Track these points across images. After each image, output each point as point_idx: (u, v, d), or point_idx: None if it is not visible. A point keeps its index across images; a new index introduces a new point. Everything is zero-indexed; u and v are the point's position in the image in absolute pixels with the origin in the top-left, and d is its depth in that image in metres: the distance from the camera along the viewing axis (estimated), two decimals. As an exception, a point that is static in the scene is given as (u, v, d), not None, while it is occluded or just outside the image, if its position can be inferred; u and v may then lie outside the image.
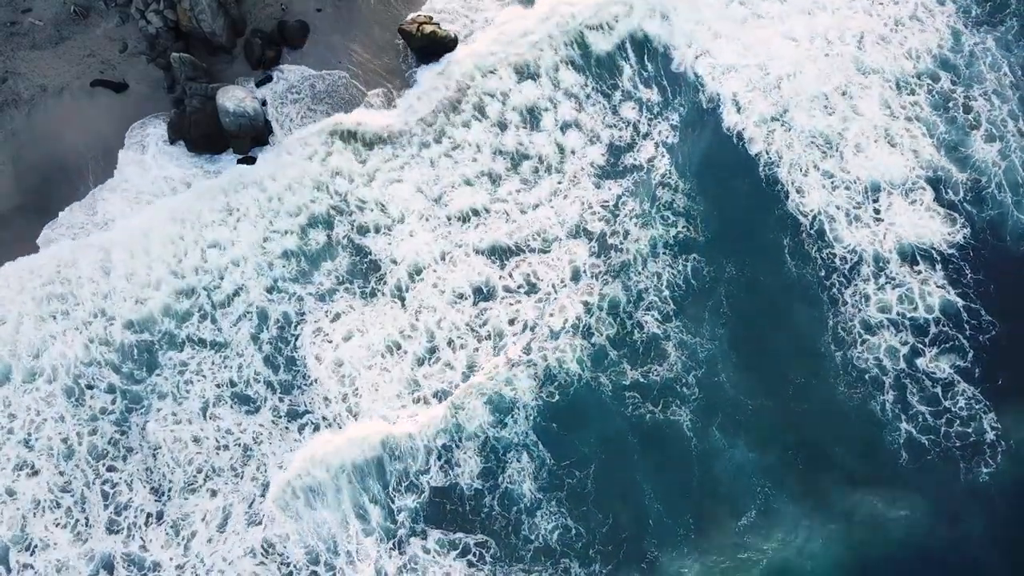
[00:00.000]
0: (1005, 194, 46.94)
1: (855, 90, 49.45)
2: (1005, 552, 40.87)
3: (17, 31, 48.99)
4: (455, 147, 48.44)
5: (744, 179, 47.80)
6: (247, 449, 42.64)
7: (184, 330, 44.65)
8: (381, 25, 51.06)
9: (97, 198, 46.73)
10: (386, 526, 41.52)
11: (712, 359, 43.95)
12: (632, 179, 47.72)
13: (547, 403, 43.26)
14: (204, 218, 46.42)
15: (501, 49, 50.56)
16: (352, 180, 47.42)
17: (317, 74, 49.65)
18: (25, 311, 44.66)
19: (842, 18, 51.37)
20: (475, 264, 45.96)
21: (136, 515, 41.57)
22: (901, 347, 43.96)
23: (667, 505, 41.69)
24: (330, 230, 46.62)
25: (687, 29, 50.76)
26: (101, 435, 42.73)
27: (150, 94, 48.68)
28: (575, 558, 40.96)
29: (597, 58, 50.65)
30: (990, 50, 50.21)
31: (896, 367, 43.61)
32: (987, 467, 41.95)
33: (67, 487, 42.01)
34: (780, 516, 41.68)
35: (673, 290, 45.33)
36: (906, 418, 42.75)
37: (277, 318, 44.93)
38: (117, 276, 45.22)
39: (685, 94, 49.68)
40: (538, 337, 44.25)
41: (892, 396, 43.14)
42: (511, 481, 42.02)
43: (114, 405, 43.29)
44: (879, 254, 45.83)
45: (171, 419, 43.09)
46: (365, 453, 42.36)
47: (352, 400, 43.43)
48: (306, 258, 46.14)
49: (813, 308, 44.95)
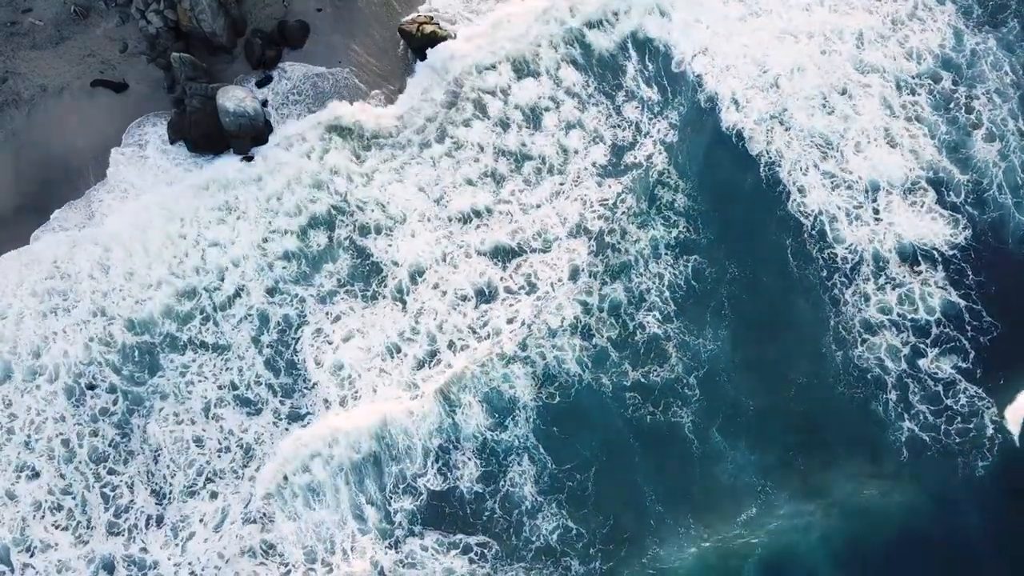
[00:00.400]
0: (1006, 195, 46.88)
1: (855, 89, 49.39)
2: (1001, 543, 41.14)
3: (17, 31, 48.92)
4: (456, 146, 48.30)
5: (744, 179, 47.64)
6: (248, 450, 42.71)
7: (185, 333, 44.66)
8: (381, 25, 50.95)
9: (93, 198, 46.70)
10: (383, 527, 41.54)
11: (712, 358, 43.97)
12: (633, 178, 47.63)
13: (547, 404, 43.27)
14: (203, 217, 46.40)
15: (502, 48, 50.42)
16: (352, 179, 47.38)
17: (318, 74, 49.56)
18: (26, 305, 44.73)
19: (841, 15, 51.34)
20: (477, 265, 45.90)
21: (137, 517, 41.64)
22: (902, 347, 43.91)
23: (668, 505, 41.74)
24: (331, 231, 46.55)
25: (686, 26, 50.60)
26: (102, 437, 42.78)
27: (150, 94, 48.61)
28: (575, 557, 41.00)
29: (598, 56, 50.46)
30: (992, 49, 50.12)
31: (898, 367, 43.59)
32: (983, 461, 42.01)
33: (68, 489, 42.07)
34: (780, 513, 41.71)
35: (674, 291, 45.28)
36: (908, 416, 42.75)
37: (278, 320, 44.91)
38: (116, 274, 45.24)
39: (685, 93, 49.52)
40: (534, 334, 44.18)
41: (894, 396, 43.12)
42: (512, 484, 42.03)
43: (115, 406, 43.34)
44: (879, 254, 45.71)
45: (172, 420, 43.11)
46: (361, 449, 42.37)
47: (351, 403, 43.46)
48: (307, 260, 46.10)
49: (814, 308, 44.85)
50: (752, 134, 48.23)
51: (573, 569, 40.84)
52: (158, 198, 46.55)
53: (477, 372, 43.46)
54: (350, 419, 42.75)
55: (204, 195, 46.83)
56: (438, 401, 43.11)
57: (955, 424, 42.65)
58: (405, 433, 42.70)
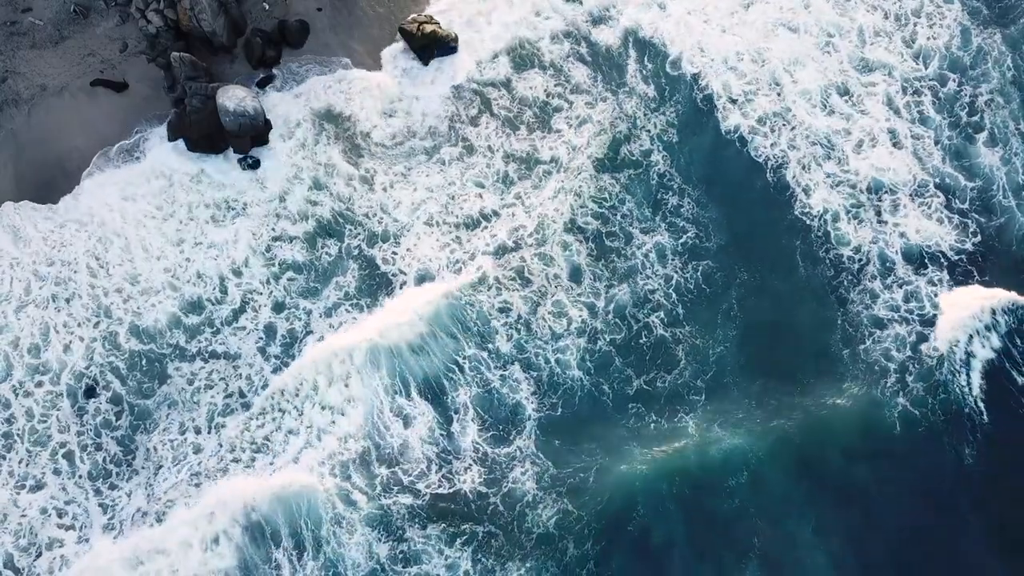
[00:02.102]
0: (1009, 197, 46.79)
1: (856, 87, 49.24)
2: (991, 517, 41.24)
3: (17, 30, 48.81)
4: (458, 147, 48.15)
5: (747, 178, 47.66)
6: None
7: (191, 342, 44.06)
8: (381, 24, 50.81)
9: (90, 198, 46.43)
10: (378, 517, 41.02)
11: (718, 356, 43.88)
12: (634, 178, 47.47)
13: (549, 415, 42.91)
14: (202, 215, 46.23)
15: (502, 46, 50.47)
16: (352, 182, 47.09)
17: (318, 73, 49.37)
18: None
19: (843, 10, 51.33)
20: (481, 265, 45.58)
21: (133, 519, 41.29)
22: (908, 338, 44.01)
23: (669, 496, 41.45)
24: (333, 237, 46.02)
25: (686, 20, 50.80)
26: (105, 449, 42.16)
27: (150, 93, 48.42)
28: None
29: (599, 53, 50.52)
30: (998, 48, 49.99)
31: (903, 354, 43.65)
32: (969, 448, 42.10)
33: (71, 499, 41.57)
34: (776, 497, 41.28)
35: (680, 293, 45.08)
36: (903, 394, 42.81)
37: (282, 332, 44.35)
38: (113, 275, 44.96)
39: (684, 91, 49.56)
40: (535, 339, 44.02)
41: (895, 384, 43.10)
42: (510, 496, 41.57)
43: (119, 420, 42.71)
44: (885, 255, 45.64)
45: (175, 429, 42.66)
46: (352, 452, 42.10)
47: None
48: (313, 270, 45.46)
49: (821, 307, 44.83)
50: (754, 134, 48.37)
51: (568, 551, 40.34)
52: (167, 203, 46.36)
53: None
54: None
55: (205, 195, 46.65)
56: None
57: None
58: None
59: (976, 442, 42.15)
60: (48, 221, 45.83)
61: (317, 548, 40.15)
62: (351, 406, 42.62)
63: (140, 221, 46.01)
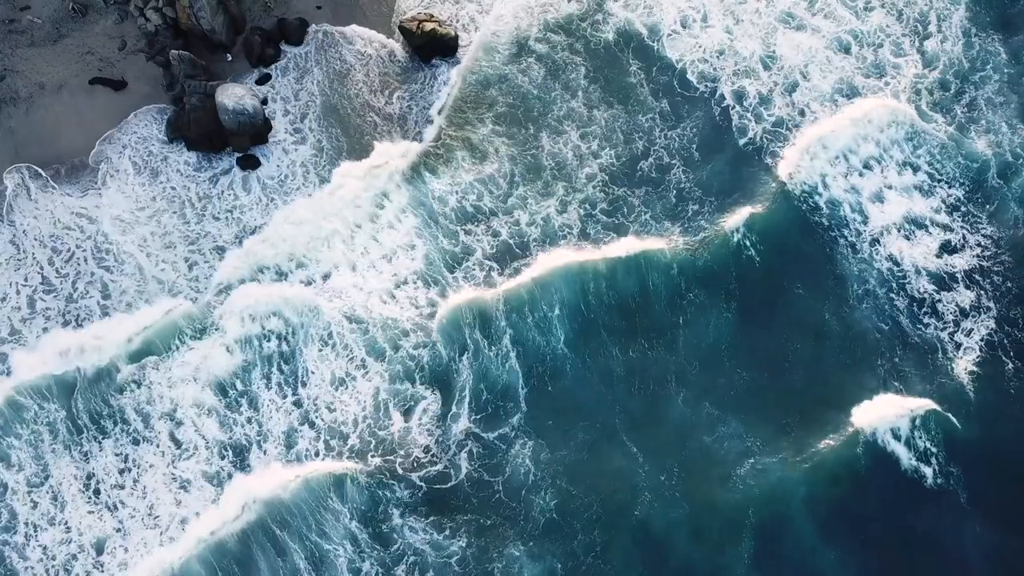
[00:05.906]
0: (1010, 201, 47.15)
1: (857, 86, 49.57)
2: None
3: (15, 28, 48.72)
4: (462, 149, 48.10)
5: (750, 179, 47.85)
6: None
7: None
8: (381, 23, 50.78)
9: (91, 196, 46.38)
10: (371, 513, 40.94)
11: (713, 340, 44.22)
12: (636, 178, 47.53)
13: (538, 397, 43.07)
14: (201, 215, 46.24)
15: (502, 46, 50.53)
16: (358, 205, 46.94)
17: (317, 72, 49.33)
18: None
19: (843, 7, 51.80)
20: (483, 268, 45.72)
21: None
22: (907, 330, 44.42)
23: (665, 482, 41.55)
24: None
25: (685, 16, 51.04)
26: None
27: (149, 92, 48.38)
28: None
29: (598, 53, 50.53)
30: (998, 50, 50.45)
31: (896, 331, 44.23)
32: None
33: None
34: (771, 479, 41.38)
35: (682, 290, 45.28)
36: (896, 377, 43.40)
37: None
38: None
39: (684, 91, 49.61)
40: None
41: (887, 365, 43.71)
42: (505, 492, 41.61)
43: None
44: (889, 254, 45.89)
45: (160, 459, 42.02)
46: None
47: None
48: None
49: (817, 292, 45.25)
50: (756, 134, 48.64)
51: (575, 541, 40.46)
52: (156, 196, 46.30)
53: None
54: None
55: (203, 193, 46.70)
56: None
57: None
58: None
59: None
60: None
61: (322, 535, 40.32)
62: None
63: (133, 218, 46.11)
